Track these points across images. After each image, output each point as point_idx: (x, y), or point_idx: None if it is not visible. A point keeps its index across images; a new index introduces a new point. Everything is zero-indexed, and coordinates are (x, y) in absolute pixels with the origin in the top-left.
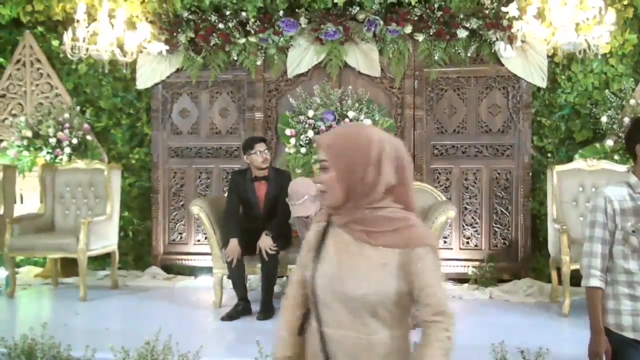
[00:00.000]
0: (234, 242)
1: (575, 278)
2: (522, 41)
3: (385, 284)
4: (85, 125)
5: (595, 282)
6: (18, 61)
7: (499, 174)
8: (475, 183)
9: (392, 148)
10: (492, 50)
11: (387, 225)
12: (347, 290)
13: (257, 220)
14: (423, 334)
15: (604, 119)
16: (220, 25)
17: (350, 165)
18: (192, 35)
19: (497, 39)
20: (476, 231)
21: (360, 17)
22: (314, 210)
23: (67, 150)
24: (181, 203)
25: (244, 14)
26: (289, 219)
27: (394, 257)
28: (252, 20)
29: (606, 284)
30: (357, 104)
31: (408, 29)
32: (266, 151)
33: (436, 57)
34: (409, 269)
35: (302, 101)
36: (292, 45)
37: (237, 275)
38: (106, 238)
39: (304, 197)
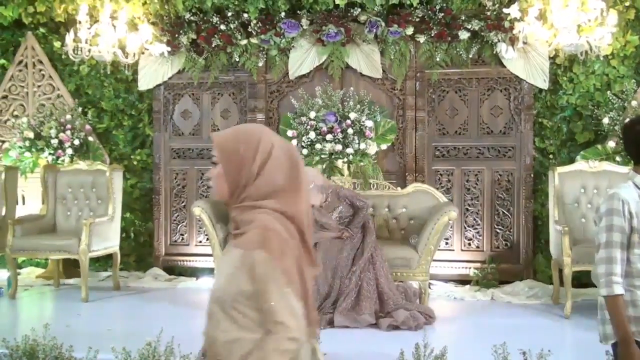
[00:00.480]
0: None
1: (577, 280)
2: (524, 43)
3: (228, 284)
4: (87, 127)
5: (620, 290)
6: (20, 62)
7: (500, 175)
8: (476, 184)
9: (283, 152)
10: (494, 52)
11: (244, 225)
12: (211, 287)
13: None
14: None
15: (605, 120)
16: (222, 27)
17: (236, 163)
18: (194, 37)
19: (498, 41)
20: (478, 232)
21: (362, 18)
22: (318, 200)
23: (69, 151)
24: (183, 204)
25: (245, 15)
26: None
27: (237, 258)
28: (254, 21)
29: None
30: (358, 106)
31: (409, 31)
32: None
33: (438, 59)
34: (250, 272)
35: (304, 102)
36: (293, 46)
37: None
38: (108, 239)
39: (309, 186)
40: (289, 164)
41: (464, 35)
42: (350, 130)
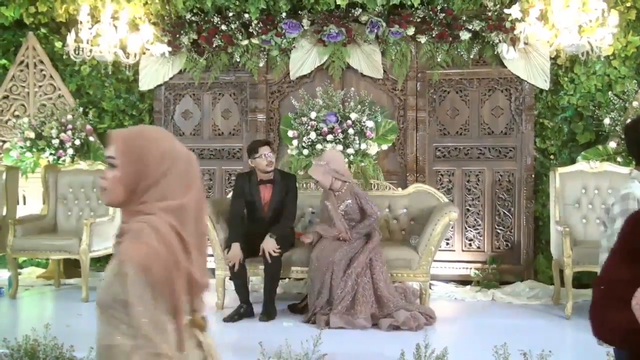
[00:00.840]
0: (235, 247)
1: (578, 280)
2: (525, 43)
3: (106, 290)
4: (88, 127)
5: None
6: (21, 62)
7: (501, 176)
8: (477, 185)
9: (185, 161)
10: (495, 52)
11: (124, 234)
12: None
13: (261, 222)
14: None
15: (606, 121)
16: (223, 27)
17: (140, 168)
18: (195, 37)
19: (499, 41)
20: (479, 233)
21: (363, 18)
22: (325, 181)
23: (70, 151)
24: None
25: (246, 15)
26: (293, 222)
27: (113, 267)
28: (255, 22)
29: None
30: (359, 106)
31: (411, 31)
32: (270, 154)
33: (439, 59)
34: (121, 282)
35: (305, 103)
36: (294, 47)
37: (239, 279)
38: (108, 239)
39: (323, 163)
40: (188, 174)
41: (465, 35)
42: (351, 131)
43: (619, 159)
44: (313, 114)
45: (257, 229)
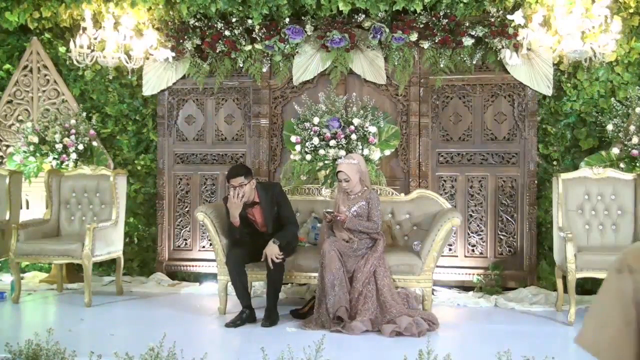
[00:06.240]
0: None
1: (581, 286)
2: (528, 49)
3: None
4: (92, 132)
5: None
6: (25, 67)
7: (504, 181)
8: (480, 191)
9: None
10: (498, 58)
11: None
12: None
13: (266, 237)
14: None
15: (609, 127)
16: (227, 32)
17: None
18: (199, 42)
19: (502, 47)
20: (481, 239)
21: (366, 24)
22: (354, 178)
23: (73, 156)
24: (186, 209)
25: (250, 21)
26: (298, 228)
27: None
28: (258, 27)
29: None
30: (362, 111)
31: (414, 37)
32: (244, 187)
33: (442, 65)
34: None
35: (307, 108)
36: (297, 52)
37: (239, 283)
38: (111, 244)
39: (355, 162)
40: None
41: (468, 41)
42: (353, 136)
43: (621, 165)
44: (316, 120)
45: (259, 237)
